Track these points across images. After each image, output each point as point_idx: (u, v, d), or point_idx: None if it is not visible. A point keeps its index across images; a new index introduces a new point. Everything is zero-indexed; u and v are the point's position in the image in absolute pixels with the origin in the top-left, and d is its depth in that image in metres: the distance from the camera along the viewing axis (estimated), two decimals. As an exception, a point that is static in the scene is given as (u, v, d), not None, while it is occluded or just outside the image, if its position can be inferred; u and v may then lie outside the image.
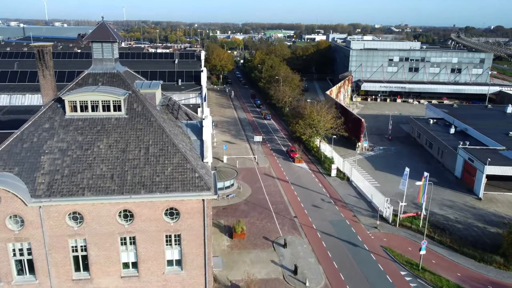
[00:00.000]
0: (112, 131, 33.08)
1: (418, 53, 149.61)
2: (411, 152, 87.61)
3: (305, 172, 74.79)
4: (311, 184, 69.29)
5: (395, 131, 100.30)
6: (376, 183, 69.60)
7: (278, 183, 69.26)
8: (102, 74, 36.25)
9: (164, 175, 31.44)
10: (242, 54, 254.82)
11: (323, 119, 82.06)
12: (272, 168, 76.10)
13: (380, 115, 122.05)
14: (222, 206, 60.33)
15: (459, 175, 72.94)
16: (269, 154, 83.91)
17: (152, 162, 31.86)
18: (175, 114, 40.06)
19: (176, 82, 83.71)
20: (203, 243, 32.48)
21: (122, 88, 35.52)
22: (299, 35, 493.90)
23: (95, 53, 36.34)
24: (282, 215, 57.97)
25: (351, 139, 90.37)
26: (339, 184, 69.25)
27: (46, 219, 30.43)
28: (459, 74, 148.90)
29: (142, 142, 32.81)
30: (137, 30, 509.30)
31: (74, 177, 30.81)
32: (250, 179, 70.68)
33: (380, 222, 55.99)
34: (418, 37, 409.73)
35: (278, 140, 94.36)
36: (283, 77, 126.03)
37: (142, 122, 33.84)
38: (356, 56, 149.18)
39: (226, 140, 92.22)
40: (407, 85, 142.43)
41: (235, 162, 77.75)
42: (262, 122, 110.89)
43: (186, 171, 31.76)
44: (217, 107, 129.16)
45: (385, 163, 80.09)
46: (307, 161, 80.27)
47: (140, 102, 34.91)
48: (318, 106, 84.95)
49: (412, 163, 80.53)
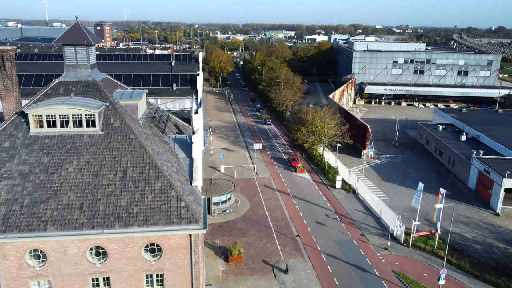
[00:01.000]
0: (84, 151, 28.13)
1: (423, 55, 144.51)
2: (420, 160, 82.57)
3: (307, 183, 69.77)
4: (315, 197, 64.27)
5: (401, 137, 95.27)
6: (384, 196, 64.58)
7: (279, 196, 64.26)
8: (76, 82, 31.31)
9: (143, 204, 26.47)
10: (242, 55, 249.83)
11: (327, 125, 77.04)
12: (273, 179, 71.10)
13: (385, 119, 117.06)
14: (217, 223, 55.34)
15: (473, 187, 67.87)
16: (269, 163, 78.90)
17: (130, 189, 26.89)
18: (161, 128, 35.10)
19: (170, 86, 78.72)
20: (191, 284, 27.49)
21: (98, 99, 30.58)
22: (300, 35, 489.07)
23: (68, 58, 31.40)
24: (283, 233, 52.95)
25: (356, 146, 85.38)
26: (345, 198, 64.21)
27: (2, 258, 25.48)
28: (466, 76, 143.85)
29: (119, 164, 27.85)
30: (136, 30, 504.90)
31: (35, 207, 25.83)
32: (249, 191, 65.69)
33: (391, 242, 50.94)
34: (420, 38, 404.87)
35: (279, 147, 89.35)
36: (284, 79, 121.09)
37: (120, 139, 28.89)
38: (360, 58, 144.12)
39: (224, 147, 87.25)
40: (412, 88, 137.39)
41: (233, 172, 72.76)
42: (262, 127, 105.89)
43: (170, 199, 26.79)
44: (216, 110, 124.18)
45: (393, 173, 75.05)
46: (309, 170, 75.25)
47: (119, 115, 29.95)
48: (321, 111, 79.89)
49: (421, 172, 75.59)
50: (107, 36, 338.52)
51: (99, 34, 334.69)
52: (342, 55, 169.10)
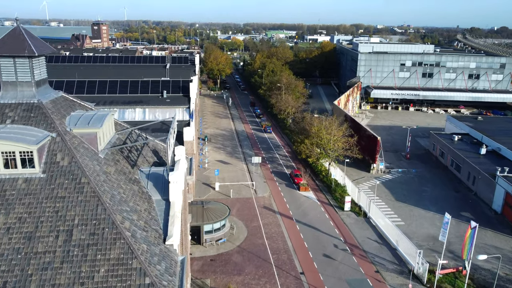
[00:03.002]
0: (15, 202, 20.69)
1: (432, 57, 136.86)
2: (435, 175, 75.05)
3: (312, 204, 62.30)
4: (321, 222, 56.78)
5: (412, 147, 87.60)
6: (399, 221, 57.11)
7: (280, 221, 56.78)
8: (14, 105, 23.88)
9: (92, 282, 19.01)
10: (242, 56, 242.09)
11: (333, 138, 69.55)
12: (273, 199, 63.64)
13: (393, 126, 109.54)
14: (209, 256, 47.89)
15: (498, 210, 60.37)
16: (270, 179, 71.44)
17: (75, 258, 19.43)
18: (133, 159, 27.66)
19: (161, 93, 71.28)
20: None
21: (44, 127, 23.17)
22: (301, 35, 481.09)
23: (4, 74, 23.95)
24: (286, 270, 45.48)
25: (364, 159, 77.87)
26: (355, 222, 56.69)
27: None
28: (477, 80, 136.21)
29: (63, 221, 20.41)
30: (136, 30, 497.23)
31: None
32: (246, 214, 58.23)
33: (412, 283, 43.46)
34: (424, 38, 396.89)
35: (280, 159, 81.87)
36: (285, 83, 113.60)
37: (67, 185, 21.45)
38: (365, 60, 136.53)
39: (220, 160, 79.80)
40: (421, 92, 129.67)
41: (229, 190, 65.30)
42: (262, 136, 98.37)
43: (130, 273, 19.33)
44: (213, 116, 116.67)
45: (407, 191, 67.57)
46: (314, 188, 67.78)
47: (68, 151, 22.51)
48: (327, 121, 72.40)
49: (437, 190, 68.15)
50: (104, 36, 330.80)
51: (96, 34, 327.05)
52: (346, 57, 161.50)
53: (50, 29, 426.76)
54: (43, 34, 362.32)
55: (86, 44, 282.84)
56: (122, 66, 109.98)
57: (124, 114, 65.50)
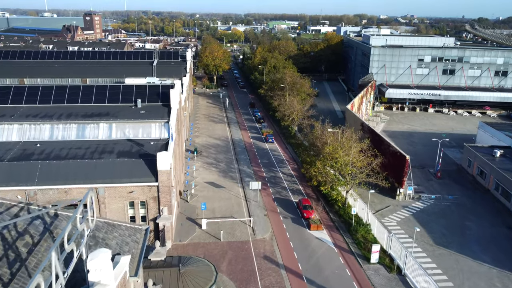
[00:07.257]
0: None
1: (454, 52, 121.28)
2: (477, 203, 60.43)
3: (328, 251, 47.65)
4: (341, 282, 42.19)
5: (442, 162, 72.52)
6: (444, 279, 42.59)
7: (285, 281, 42.23)
8: None
9: None
10: (243, 49, 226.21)
11: (353, 158, 54.79)
12: (276, 243, 49.04)
13: (414, 132, 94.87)
14: None
15: None
16: (272, 210, 56.86)
17: None
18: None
19: (134, 103, 56.47)
20: None
21: None
22: (303, 26, 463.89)
23: None
24: None
25: (388, 181, 63.13)
26: (387, 283, 42.09)
27: None
28: (504, 77, 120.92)
29: None
30: (133, 21, 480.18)
31: None
32: (240, 270, 43.69)
33: None
34: (431, 29, 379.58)
35: (285, 180, 67.14)
36: (289, 83, 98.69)
37: None
38: (379, 55, 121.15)
39: (211, 181, 65.20)
40: (442, 92, 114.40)
41: (218, 229, 50.71)
42: (263, 147, 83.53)
43: None
44: (206, 121, 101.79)
45: (446, 229, 52.96)
46: (329, 225, 53.13)
47: None
48: (344, 138, 57.60)
49: (484, 227, 53.76)
50: (97, 27, 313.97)
51: (89, 25, 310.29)
52: (356, 50, 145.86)
53: (43, 19, 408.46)
54: (35, 25, 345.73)
55: (78, 36, 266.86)
56: (100, 64, 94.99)
57: (84, 132, 50.74)
